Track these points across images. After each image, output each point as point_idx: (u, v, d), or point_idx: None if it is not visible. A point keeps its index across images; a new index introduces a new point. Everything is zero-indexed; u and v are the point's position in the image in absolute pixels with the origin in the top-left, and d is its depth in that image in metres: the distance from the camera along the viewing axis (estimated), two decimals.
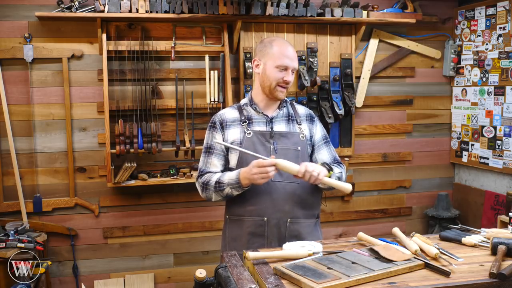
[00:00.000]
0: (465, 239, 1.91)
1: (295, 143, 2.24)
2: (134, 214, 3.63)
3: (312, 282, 1.48)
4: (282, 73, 2.19)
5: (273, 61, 2.19)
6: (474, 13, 3.89)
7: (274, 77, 2.19)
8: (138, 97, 3.41)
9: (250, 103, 2.29)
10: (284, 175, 2.18)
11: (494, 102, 3.71)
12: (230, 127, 2.26)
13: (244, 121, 2.25)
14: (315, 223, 2.32)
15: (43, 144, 3.44)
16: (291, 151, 2.22)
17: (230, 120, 2.27)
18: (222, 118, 2.28)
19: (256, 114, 2.27)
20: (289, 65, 2.19)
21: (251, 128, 2.23)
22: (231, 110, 2.33)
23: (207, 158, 2.28)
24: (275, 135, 2.22)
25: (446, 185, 4.22)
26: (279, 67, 2.19)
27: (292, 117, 2.31)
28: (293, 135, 2.26)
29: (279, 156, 2.17)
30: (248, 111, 2.29)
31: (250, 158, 2.15)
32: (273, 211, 2.18)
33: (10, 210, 3.39)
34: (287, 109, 2.33)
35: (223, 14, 3.38)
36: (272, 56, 2.20)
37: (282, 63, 2.18)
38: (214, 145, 2.27)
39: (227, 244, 2.30)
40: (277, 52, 2.19)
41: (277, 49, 2.20)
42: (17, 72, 3.36)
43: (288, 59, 2.19)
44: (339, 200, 4.00)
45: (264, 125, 2.25)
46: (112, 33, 3.40)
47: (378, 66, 3.95)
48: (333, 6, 3.65)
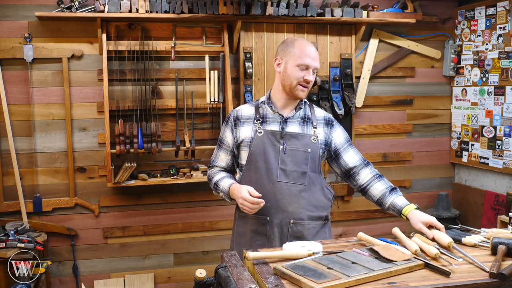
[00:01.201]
0: (465, 239, 1.91)
1: (306, 144, 2.22)
2: (134, 214, 3.63)
3: (312, 282, 1.48)
4: (303, 72, 2.18)
5: (295, 60, 2.19)
6: (474, 13, 3.89)
7: (295, 76, 2.19)
8: (138, 97, 3.41)
9: (268, 102, 2.29)
10: (290, 176, 2.18)
11: (494, 102, 3.71)
12: (243, 124, 2.27)
13: (258, 119, 2.25)
14: (323, 225, 2.28)
15: (43, 144, 3.44)
16: (301, 152, 2.21)
17: (244, 117, 2.29)
18: (238, 114, 2.31)
19: (272, 113, 2.27)
20: (310, 64, 2.18)
21: (263, 127, 2.23)
22: (249, 106, 2.34)
23: (217, 151, 2.40)
24: (285, 135, 2.21)
25: (446, 185, 4.22)
26: (300, 66, 2.18)
27: (308, 119, 2.29)
28: (304, 136, 2.24)
29: (288, 157, 2.18)
30: (264, 109, 2.28)
31: (259, 157, 2.18)
32: (276, 211, 2.18)
33: (10, 210, 3.39)
34: (304, 110, 2.31)
35: (223, 14, 3.38)
36: (294, 55, 2.19)
37: (303, 62, 2.18)
38: (224, 140, 2.34)
39: (234, 240, 2.36)
40: (299, 51, 2.19)
41: (299, 49, 2.20)
42: (17, 72, 3.36)
43: (310, 58, 2.18)
44: (339, 200, 4.00)
45: (278, 124, 2.24)
46: (112, 33, 3.40)
47: (378, 66, 3.95)
48: (333, 6, 3.65)
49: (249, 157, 2.22)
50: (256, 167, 2.20)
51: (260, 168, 2.20)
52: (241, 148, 2.27)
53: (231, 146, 2.31)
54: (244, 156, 2.25)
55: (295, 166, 2.19)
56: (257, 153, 2.20)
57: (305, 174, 2.20)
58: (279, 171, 2.19)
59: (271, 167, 2.19)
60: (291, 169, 2.19)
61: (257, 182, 2.18)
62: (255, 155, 2.20)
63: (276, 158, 2.18)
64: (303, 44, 2.23)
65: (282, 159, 2.19)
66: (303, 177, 2.20)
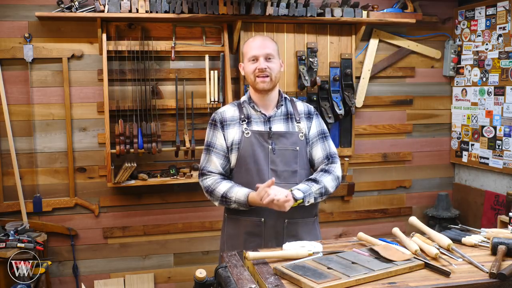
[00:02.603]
0: (465, 239, 1.91)
1: (294, 143, 2.24)
2: (134, 214, 3.63)
3: (312, 282, 1.48)
4: (255, 64, 2.20)
5: (246, 57, 2.25)
6: (474, 13, 3.89)
7: (250, 71, 2.22)
8: (138, 97, 3.41)
9: (249, 101, 2.29)
10: (282, 177, 2.18)
11: (494, 102, 3.71)
12: (229, 127, 2.25)
13: (243, 120, 2.24)
14: (314, 222, 2.32)
15: (43, 144, 3.44)
16: (289, 151, 2.21)
17: (229, 119, 2.27)
18: (222, 116, 2.28)
19: (255, 113, 2.27)
20: (257, 53, 2.20)
21: (250, 128, 2.23)
22: (231, 107, 2.32)
23: (207, 156, 2.27)
24: (273, 135, 2.21)
25: (446, 185, 4.22)
26: (250, 59, 2.22)
27: (291, 115, 2.29)
28: (292, 134, 2.25)
29: (277, 157, 2.18)
30: (247, 109, 2.28)
31: (248, 159, 2.17)
32: (270, 212, 2.17)
33: (10, 210, 3.39)
34: (286, 107, 2.31)
35: (223, 14, 3.38)
36: (245, 53, 2.26)
37: (250, 55, 2.22)
38: (214, 143, 2.26)
39: (225, 242, 2.32)
40: (246, 49, 2.26)
41: (246, 46, 2.27)
42: (17, 72, 3.36)
43: (255, 49, 2.21)
44: (339, 200, 4.00)
45: (262, 124, 2.24)
46: (112, 33, 3.40)
47: (378, 66, 3.95)
48: (333, 6, 3.65)
49: (239, 160, 2.21)
50: (247, 169, 2.19)
51: (250, 170, 2.19)
52: (230, 151, 2.25)
53: (224, 149, 2.24)
54: (233, 158, 2.23)
55: (285, 165, 2.19)
56: (246, 155, 2.19)
57: (296, 173, 2.21)
58: (269, 172, 2.18)
59: (261, 168, 2.18)
60: (282, 169, 2.19)
61: (248, 184, 2.17)
62: (244, 157, 2.18)
63: (266, 159, 2.18)
64: (250, 40, 2.29)
65: (272, 160, 2.19)
66: (294, 176, 2.21)
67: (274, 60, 2.22)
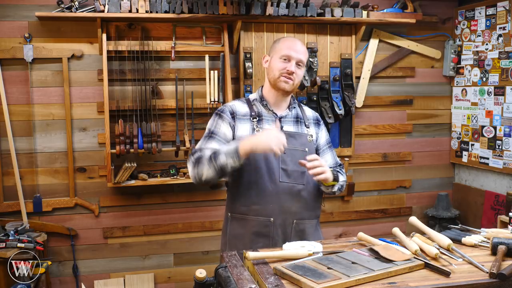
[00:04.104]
0: (465, 239, 1.91)
1: (303, 144, 2.26)
2: (134, 214, 3.63)
3: (312, 282, 1.48)
4: (286, 63, 2.20)
5: (279, 53, 2.23)
6: (474, 13, 3.89)
7: (277, 67, 2.21)
8: (138, 97, 3.41)
9: (261, 100, 2.29)
10: (292, 176, 2.19)
11: (494, 102, 3.71)
12: (241, 121, 2.24)
13: (254, 117, 2.24)
14: (317, 222, 2.35)
15: (43, 144, 3.44)
16: (299, 151, 2.22)
17: (241, 114, 2.25)
18: (233, 109, 2.26)
19: (266, 111, 2.27)
20: (292, 55, 2.20)
21: (260, 126, 2.23)
22: (241, 103, 2.31)
23: (207, 141, 2.18)
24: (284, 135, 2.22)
25: (446, 185, 4.22)
26: (282, 57, 2.21)
27: (300, 119, 2.33)
28: (301, 136, 2.27)
29: (287, 157, 2.19)
30: (258, 107, 2.28)
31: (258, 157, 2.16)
32: (280, 212, 2.18)
33: (10, 210, 3.39)
34: (296, 110, 2.34)
35: (223, 14, 3.38)
36: (279, 49, 2.24)
37: (285, 53, 2.21)
38: (217, 131, 2.20)
39: (227, 242, 2.29)
40: (283, 45, 2.24)
41: (283, 43, 2.26)
42: (17, 72, 3.36)
43: (293, 51, 2.21)
44: (339, 200, 4.00)
45: (273, 123, 2.25)
46: (112, 33, 3.39)
47: (378, 66, 3.95)
48: (333, 6, 3.65)
49: (248, 158, 2.19)
50: (256, 167, 2.18)
51: (260, 168, 2.18)
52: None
53: (228, 139, 2.18)
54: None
55: (295, 165, 2.19)
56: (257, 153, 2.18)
57: (304, 174, 2.21)
58: (280, 171, 2.19)
59: (272, 167, 2.18)
60: (292, 169, 2.20)
61: (258, 183, 2.17)
62: (255, 155, 2.16)
63: (277, 158, 2.18)
64: (288, 39, 2.30)
65: (282, 159, 2.19)
66: (302, 177, 2.21)
67: (302, 69, 2.25)
